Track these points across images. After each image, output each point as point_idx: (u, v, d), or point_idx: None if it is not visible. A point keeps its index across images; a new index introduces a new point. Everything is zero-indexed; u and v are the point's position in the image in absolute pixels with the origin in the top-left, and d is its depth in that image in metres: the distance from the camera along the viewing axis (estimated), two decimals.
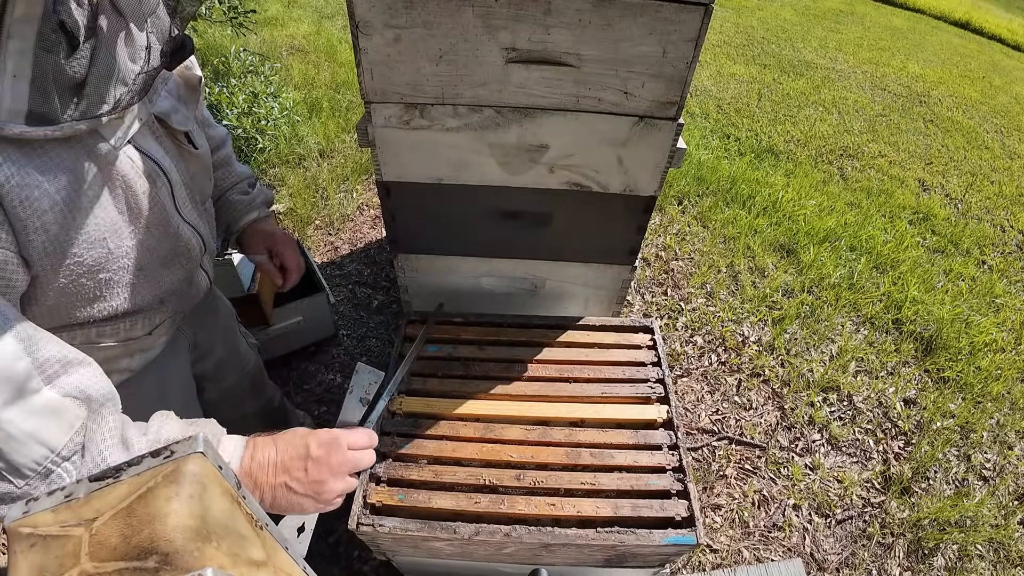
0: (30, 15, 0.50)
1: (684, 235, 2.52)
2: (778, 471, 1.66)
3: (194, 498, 0.35)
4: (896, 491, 1.63)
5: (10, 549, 0.34)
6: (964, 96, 4.68)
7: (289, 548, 0.46)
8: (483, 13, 0.82)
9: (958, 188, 3.25)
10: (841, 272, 2.35)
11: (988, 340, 2.14)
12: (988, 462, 1.75)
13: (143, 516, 0.34)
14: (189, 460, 0.37)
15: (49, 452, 0.52)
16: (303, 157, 2.73)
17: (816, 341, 2.06)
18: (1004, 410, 1.91)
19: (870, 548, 1.51)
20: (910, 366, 2.04)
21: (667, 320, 2.10)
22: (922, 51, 5.83)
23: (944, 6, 7.90)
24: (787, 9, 6.48)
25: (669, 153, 0.99)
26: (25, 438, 0.50)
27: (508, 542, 0.84)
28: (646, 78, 0.88)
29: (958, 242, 2.73)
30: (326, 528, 1.41)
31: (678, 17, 0.81)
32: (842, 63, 4.97)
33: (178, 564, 0.32)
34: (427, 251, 1.22)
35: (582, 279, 1.26)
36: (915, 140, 3.75)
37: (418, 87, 0.91)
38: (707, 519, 1.53)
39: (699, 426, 1.76)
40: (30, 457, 0.51)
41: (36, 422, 0.51)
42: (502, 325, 1.17)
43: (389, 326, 1.99)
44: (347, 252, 2.29)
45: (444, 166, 1.03)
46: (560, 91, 0.91)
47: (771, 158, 3.21)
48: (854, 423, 1.81)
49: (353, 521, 0.84)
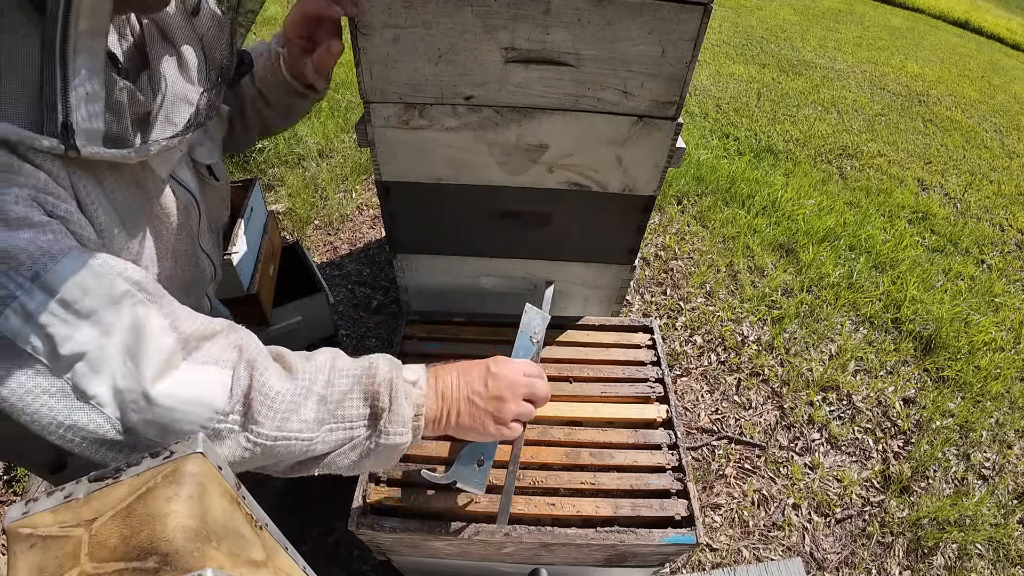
0: (96, 29, 0.48)
1: (683, 235, 2.52)
2: (777, 470, 1.66)
3: (194, 498, 0.35)
4: (896, 490, 1.63)
5: (10, 550, 0.34)
6: (963, 95, 4.69)
7: (288, 549, 0.46)
8: (482, 13, 0.81)
9: (957, 187, 3.25)
10: (840, 271, 2.35)
11: (987, 339, 2.14)
12: (987, 461, 1.76)
13: (143, 516, 0.34)
14: (189, 460, 0.37)
15: (213, 413, 0.52)
16: (302, 157, 2.73)
17: (815, 340, 2.06)
18: (1003, 409, 1.91)
19: (870, 547, 1.51)
20: (909, 365, 2.04)
21: (666, 320, 2.10)
22: (921, 50, 5.84)
23: (943, 5, 7.91)
24: (786, 8, 6.49)
25: (668, 153, 0.99)
26: (184, 406, 0.50)
27: (508, 542, 0.84)
28: (645, 78, 0.88)
29: (957, 241, 2.73)
30: (326, 528, 1.42)
31: (677, 17, 0.81)
32: (841, 62, 4.97)
33: (178, 564, 0.32)
34: (426, 251, 1.22)
35: (581, 279, 1.26)
36: (914, 139, 3.75)
37: (417, 87, 0.91)
38: (707, 518, 1.53)
39: (699, 425, 1.76)
40: (196, 423, 0.51)
41: (190, 390, 0.51)
42: (502, 325, 1.17)
43: (388, 326, 1.99)
44: (346, 252, 2.29)
45: (443, 166, 1.03)
46: (559, 91, 0.91)
47: (770, 158, 3.21)
48: (853, 422, 1.82)
49: (353, 521, 0.84)
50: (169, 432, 0.50)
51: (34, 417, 0.45)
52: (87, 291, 0.46)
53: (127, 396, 0.48)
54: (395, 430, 0.62)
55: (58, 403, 0.46)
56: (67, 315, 0.45)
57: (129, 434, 0.49)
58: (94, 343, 0.46)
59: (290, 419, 0.55)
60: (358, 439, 0.61)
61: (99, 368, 0.46)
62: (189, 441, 0.39)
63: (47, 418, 0.45)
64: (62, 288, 0.45)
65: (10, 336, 0.43)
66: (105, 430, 0.47)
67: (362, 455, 0.62)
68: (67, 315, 0.45)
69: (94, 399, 0.46)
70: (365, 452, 0.62)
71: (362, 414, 0.61)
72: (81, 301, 0.46)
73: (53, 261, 0.45)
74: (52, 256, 0.45)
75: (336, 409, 0.59)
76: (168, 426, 0.50)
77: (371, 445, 0.61)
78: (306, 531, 1.41)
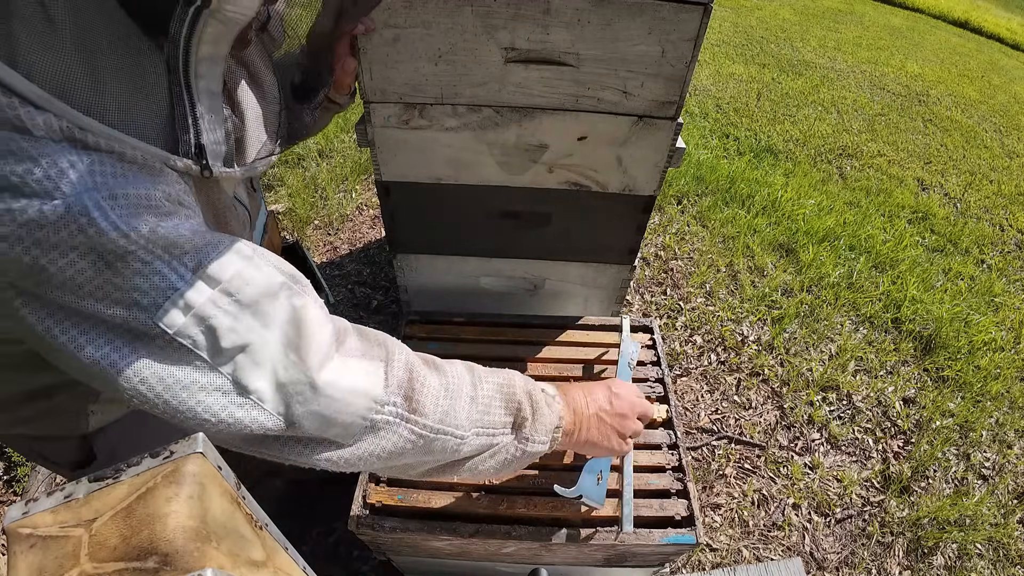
0: (217, 56, 0.49)
1: (683, 234, 2.52)
2: (777, 470, 1.66)
3: (194, 498, 0.35)
4: (895, 490, 1.63)
5: (9, 550, 0.34)
6: (963, 95, 4.69)
7: (288, 549, 0.46)
8: (482, 13, 0.82)
9: (957, 187, 3.25)
10: (840, 271, 2.35)
11: (987, 339, 2.14)
12: (987, 461, 1.76)
13: (143, 516, 0.34)
14: (189, 460, 0.37)
15: (372, 402, 0.52)
16: (302, 157, 2.72)
17: (815, 340, 2.06)
18: (1003, 409, 1.91)
19: (870, 547, 1.51)
20: (909, 365, 2.04)
21: (666, 319, 2.10)
22: (921, 50, 5.84)
23: (943, 5, 7.91)
24: (786, 8, 6.49)
25: (668, 152, 0.99)
26: (345, 395, 0.50)
27: (508, 542, 0.84)
28: (645, 78, 0.88)
29: (957, 241, 2.73)
30: (326, 528, 1.42)
31: (677, 17, 0.81)
32: (841, 62, 4.97)
33: (178, 564, 0.32)
34: (426, 251, 1.22)
35: (581, 279, 1.26)
36: (914, 139, 3.75)
37: (417, 87, 0.91)
38: (706, 518, 1.53)
39: (698, 425, 1.76)
40: (357, 413, 0.51)
41: (349, 380, 0.51)
42: (502, 324, 1.17)
43: (388, 326, 1.99)
44: (346, 252, 2.29)
45: (443, 166, 1.03)
46: (559, 91, 0.91)
47: (770, 157, 3.21)
48: (853, 422, 1.82)
49: (353, 521, 0.84)
50: (330, 423, 0.50)
51: (187, 413, 0.44)
52: (247, 282, 0.46)
53: (290, 388, 0.47)
54: (538, 439, 0.65)
55: (216, 399, 0.45)
56: (230, 306, 0.45)
57: (290, 427, 0.49)
58: (255, 334, 0.46)
59: (449, 414, 0.57)
60: (500, 445, 0.63)
61: (260, 361, 0.46)
62: (189, 441, 0.39)
63: (203, 414, 0.45)
64: (225, 279, 0.44)
65: (169, 330, 0.42)
66: (264, 425, 0.47)
67: (503, 462, 0.64)
68: (230, 306, 0.45)
69: (255, 393, 0.46)
70: (507, 459, 0.64)
71: (505, 421, 0.63)
72: (242, 292, 0.45)
73: (215, 251, 0.45)
74: (214, 246, 0.45)
75: (485, 414, 0.61)
76: (330, 417, 0.50)
77: (515, 452, 0.64)
78: (306, 531, 1.41)
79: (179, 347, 0.43)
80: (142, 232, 0.41)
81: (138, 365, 0.43)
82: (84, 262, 0.39)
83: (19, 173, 0.36)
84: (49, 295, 0.40)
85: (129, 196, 0.41)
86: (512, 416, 0.64)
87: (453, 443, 0.58)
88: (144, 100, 0.45)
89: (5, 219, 0.37)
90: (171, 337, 0.43)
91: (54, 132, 0.38)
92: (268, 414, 0.47)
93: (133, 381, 0.43)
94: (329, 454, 0.52)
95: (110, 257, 0.40)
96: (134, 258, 0.41)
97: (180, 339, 0.43)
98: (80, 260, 0.39)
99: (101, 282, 0.40)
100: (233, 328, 0.45)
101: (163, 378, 0.43)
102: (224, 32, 0.47)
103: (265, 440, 0.49)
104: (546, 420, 0.66)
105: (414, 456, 0.57)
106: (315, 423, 0.49)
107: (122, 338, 0.43)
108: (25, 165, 0.37)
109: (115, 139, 0.41)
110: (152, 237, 0.41)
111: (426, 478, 0.63)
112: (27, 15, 0.37)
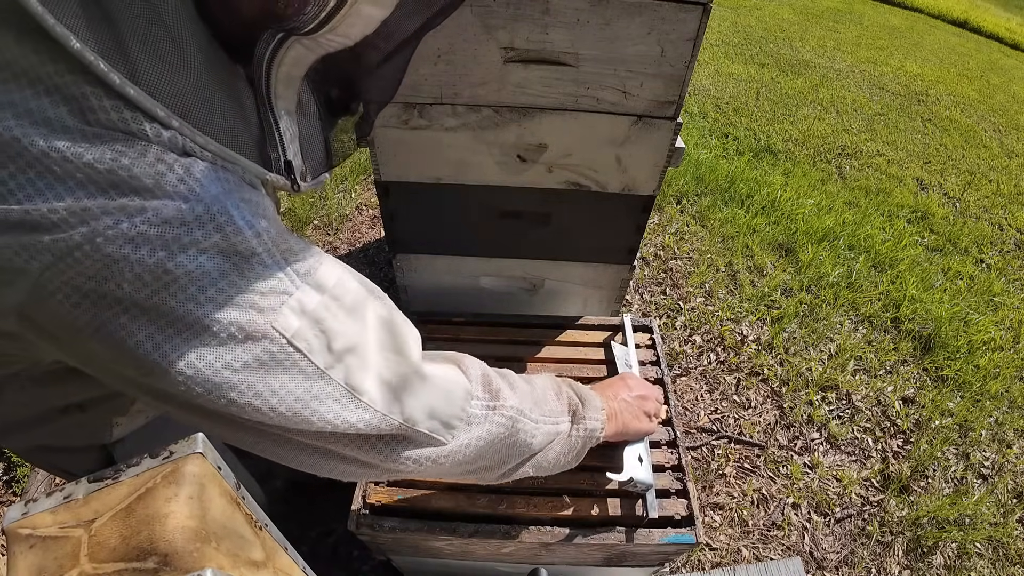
0: (293, 75, 0.49)
1: (683, 234, 2.52)
2: (777, 470, 1.66)
3: (193, 499, 0.35)
4: (895, 489, 1.63)
5: (9, 550, 0.34)
6: (962, 95, 4.69)
7: (288, 549, 0.46)
8: (481, 12, 0.81)
9: (956, 187, 3.25)
10: (840, 271, 2.35)
11: (987, 339, 2.15)
12: (987, 460, 1.76)
13: (142, 517, 0.34)
14: (188, 461, 0.37)
15: (466, 392, 0.56)
16: None
17: (815, 340, 2.06)
18: (1003, 408, 1.91)
19: (869, 546, 1.51)
20: (909, 365, 2.04)
21: (666, 319, 2.10)
22: (920, 50, 5.84)
23: (942, 5, 7.91)
24: (785, 8, 6.49)
25: (668, 152, 0.99)
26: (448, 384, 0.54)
27: (508, 542, 0.84)
28: (644, 77, 0.88)
29: (956, 241, 2.73)
30: (326, 528, 1.42)
31: (676, 16, 0.81)
32: (840, 62, 4.97)
33: (177, 565, 0.32)
34: (426, 251, 1.22)
35: (581, 278, 1.26)
36: (913, 139, 3.75)
37: (416, 87, 0.91)
38: (706, 518, 1.54)
39: (698, 425, 1.76)
40: (458, 404, 0.55)
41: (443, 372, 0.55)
42: (501, 324, 1.17)
43: None
44: (346, 252, 2.29)
45: (443, 166, 1.03)
46: (558, 91, 0.91)
47: (769, 157, 3.21)
48: (853, 422, 1.82)
49: (353, 521, 0.84)
50: (435, 415, 0.53)
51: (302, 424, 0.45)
52: (347, 289, 0.48)
53: (395, 383, 0.50)
54: (595, 416, 0.72)
55: (328, 407, 0.46)
56: (337, 310, 0.46)
57: (398, 425, 0.51)
58: (360, 337, 0.48)
59: (523, 402, 0.63)
60: (563, 432, 0.69)
61: (366, 363, 0.48)
62: (189, 441, 0.39)
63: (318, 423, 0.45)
64: (330, 285, 0.46)
65: (286, 334, 0.43)
66: (372, 426, 0.49)
67: (567, 449, 0.70)
68: (337, 310, 0.46)
69: (365, 395, 0.48)
70: (570, 445, 0.70)
71: (562, 408, 0.70)
72: (345, 298, 0.47)
73: (319, 258, 0.47)
74: (317, 254, 0.47)
75: (543, 404, 0.67)
76: (437, 408, 0.53)
77: (577, 434, 0.70)
78: (306, 531, 1.41)
79: (292, 352, 0.43)
80: (270, 234, 0.42)
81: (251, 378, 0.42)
82: (211, 264, 0.39)
83: (152, 175, 0.37)
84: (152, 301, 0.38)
85: (251, 202, 0.42)
86: (566, 403, 0.70)
87: (530, 429, 0.62)
88: (241, 119, 0.45)
89: (137, 220, 0.36)
90: (287, 341, 0.43)
91: (177, 148, 0.38)
92: (376, 413, 0.49)
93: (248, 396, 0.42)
94: (429, 451, 0.55)
95: (236, 259, 0.40)
96: (258, 260, 0.41)
97: (296, 342, 0.43)
98: (208, 262, 0.39)
99: (224, 284, 0.40)
100: (342, 332, 0.46)
101: (276, 390, 0.43)
102: (307, 55, 0.48)
103: (378, 441, 0.51)
104: (594, 402, 0.73)
105: (496, 454, 0.61)
106: (423, 415, 0.52)
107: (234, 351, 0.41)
108: (157, 168, 0.37)
109: (226, 156, 0.42)
110: (276, 239, 0.43)
111: (499, 480, 0.66)
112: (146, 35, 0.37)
